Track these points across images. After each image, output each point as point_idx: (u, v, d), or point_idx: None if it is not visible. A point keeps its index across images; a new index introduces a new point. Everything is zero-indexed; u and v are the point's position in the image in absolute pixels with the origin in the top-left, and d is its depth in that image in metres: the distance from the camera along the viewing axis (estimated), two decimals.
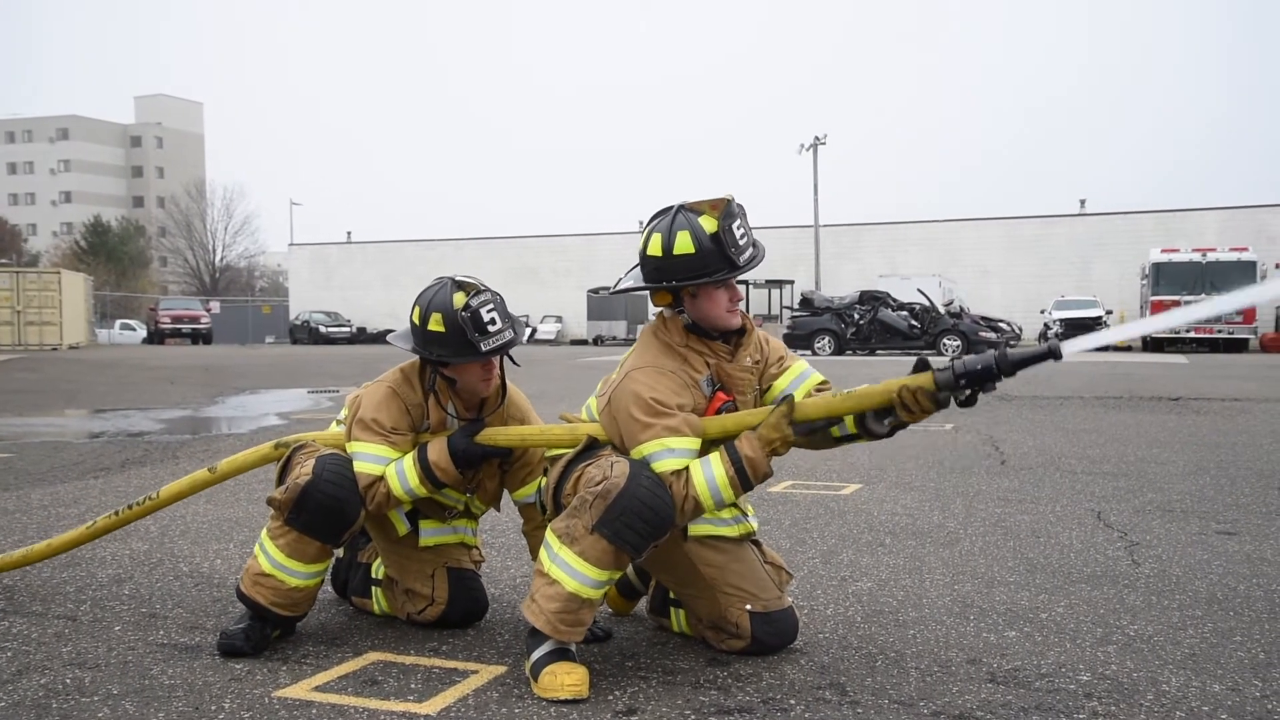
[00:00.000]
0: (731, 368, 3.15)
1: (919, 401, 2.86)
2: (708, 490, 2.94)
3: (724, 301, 3.10)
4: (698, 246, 3.02)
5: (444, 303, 3.23)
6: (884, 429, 3.00)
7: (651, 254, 3.10)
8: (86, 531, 3.79)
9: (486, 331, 3.21)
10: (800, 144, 44.97)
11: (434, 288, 3.32)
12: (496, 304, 3.26)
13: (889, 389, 2.90)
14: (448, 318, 3.21)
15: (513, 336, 3.28)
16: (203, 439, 9.44)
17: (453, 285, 3.28)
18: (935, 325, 28.11)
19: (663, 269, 3.08)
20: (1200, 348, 30.62)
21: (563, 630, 2.88)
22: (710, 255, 3.03)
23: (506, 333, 3.26)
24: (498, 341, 3.24)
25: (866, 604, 3.76)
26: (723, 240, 3.02)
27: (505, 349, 3.28)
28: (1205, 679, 2.96)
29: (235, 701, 2.81)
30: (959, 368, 2.84)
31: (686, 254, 3.03)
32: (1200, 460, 7.30)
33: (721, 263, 3.04)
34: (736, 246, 3.04)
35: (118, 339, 46.46)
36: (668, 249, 3.05)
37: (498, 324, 3.23)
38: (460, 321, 3.19)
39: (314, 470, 3.24)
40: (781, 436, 2.96)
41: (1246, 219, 41.07)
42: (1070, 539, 4.80)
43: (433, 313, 3.24)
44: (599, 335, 44.09)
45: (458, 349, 3.24)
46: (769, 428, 2.96)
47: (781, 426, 2.95)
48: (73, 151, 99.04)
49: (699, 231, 3.03)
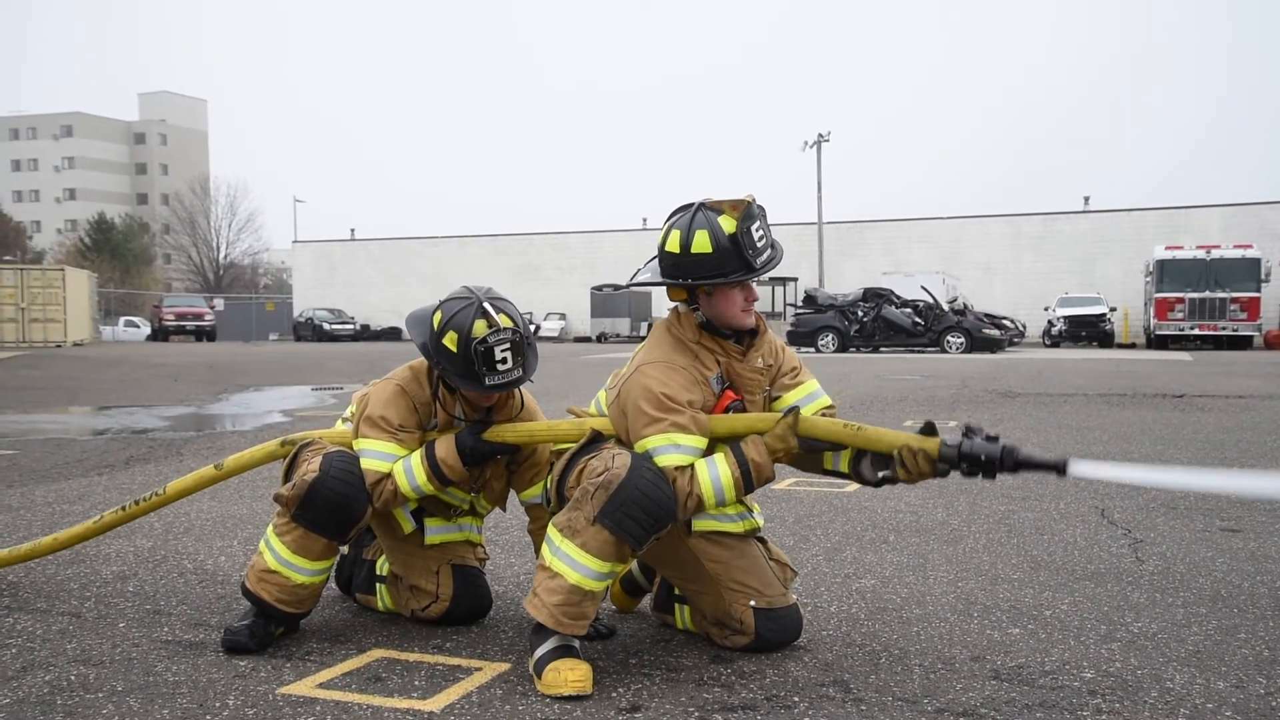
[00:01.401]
0: (742, 367, 3.16)
1: (918, 463, 2.91)
2: (712, 490, 2.96)
3: (739, 301, 3.12)
4: (715, 246, 3.03)
5: (463, 325, 3.18)
6: (874, 479, 3.06)
7: (670, 250, 3.11)
8: (93, 526, 3.79)
9: (495, 369, 3.19)
10: (804, 141, 44.94)
11: (462, 303, 3.24)
12: (514, 343, 3.19)
13: (894, 441, 2.94)
14: (461, 341, 3.18)
15: (519, 376, 3.25)
16: (206, 436, 9.45)
17: (478, 310, 3.20)
18: (939, 322, 28.09)
19: (680, 266, 3.09)
20: (1204, 345, 30.58)
21: (566, 623, 2.89)
22: (727, 255, 3.04)
23: (515, 372, 3.23)
24: (503, 380, 3.22)
25: (870, 601, 3.76)
26: (740, 241, 3.04)
27: (509, 387, 3.27)
28: (1209, 676, 2.96)
29: (239, 698, 2.81)
30: (965, 448, 2.86)
31: (704, 253, 3.04)
32: (1204, 457, 7.29)
33: (738, 264, 3.05)
34: (754, 248, 3.06)
35: (122, 336, 46.50)
36: (685, 246, 3.06)
37: (508, 363, 3.19)
38: (472, 352, 3.17)
39: (321, 466, 3.24)
40: (786, 447, 3.02)
41: (1250, 216, 41.00)
42: (1074, 536, 4.80)
43: (450, 330, 3.20)
44: (602, 333, 44.08)
45: (462, 373, 3.22)
46: (775, 438, 3.01)
47: (788, 438, 3.01)
48: (77, 148, 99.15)
49: (718, 231, 3.04)
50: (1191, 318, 30.64)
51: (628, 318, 43.75)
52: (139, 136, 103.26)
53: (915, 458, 2.90)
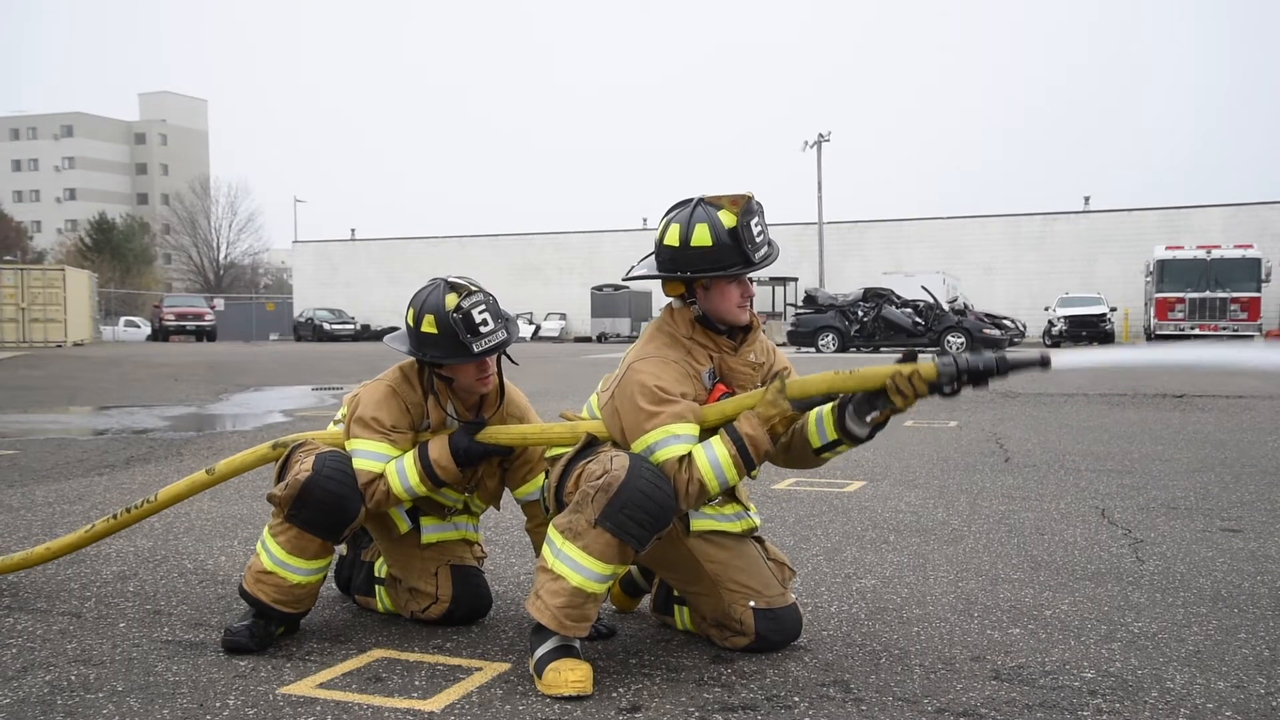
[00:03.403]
0: (734, 362, 3.18)
1: (913, 385, 2.90)
2: (712, 472, 2.95)
3: (735, 296, 3.13)
4: (715, 240, 3.05)
5: (436, 304, 3.24)
6: (864, 429, 3.06)
7: (668, 243, 3.12)
8: (85, 535, 3.78)
9: (479, 332, 3.22)
10: (804, 141, 44.98)
11: (427, 289, 3.33)
12: (489, 304, 3.26)
13: (887, 371, 2.95)
14: (440, 319, 3.22)
15: (505, 337, 3.28)
16: (207, 436, 9.45)
17: (445, 286, 3.28)
18: (939, 322, 28.06)
19: (678, 259, 3.10)
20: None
21: (568, 625, 2.89)
22: (726, 250, 3.05)
23: (499, 333, 3.26)
24: (490, 342, 3.25)
25: (870, 601, 3.76)
26: (740, 236, 3.05)
27: (498, 349, 3.29)
28: (1210, 676, 2.96)
29: (240, 698, 2.81)
30: (964, 363, 2.90)
31: (703, 246, 3.05)
32: (1204, 457, 7.29)
33: (736, 258, 3.06)
34: (753, 243, 3.07)
35: (122, 336, 46.45)
36: (685, 240, 3.07)
37: (490, 325, 3.24)
38: (452, 323, 3.20)
39: (314, 466, 3.25)
40: (780, 412, 2.99)
41: (1251, 216, 41.02)
42: (1074, 536, 4.80)
43: (425, 314, 3.26)
44: (602, 332, 44.07)
45: (450, 350, 3.24)
46: (766, 405, 3.00)
47: (779, 402, 2.99)
48: (77, 148, 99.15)
49: (717, 225, 3.05)
50: (1192, 318, 30.63)
51: (628, 318, 43.75)
52: (139, 136, 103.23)
53: (910, 380, 2.90)
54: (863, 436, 3.08)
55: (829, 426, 3.11)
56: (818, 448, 3.17)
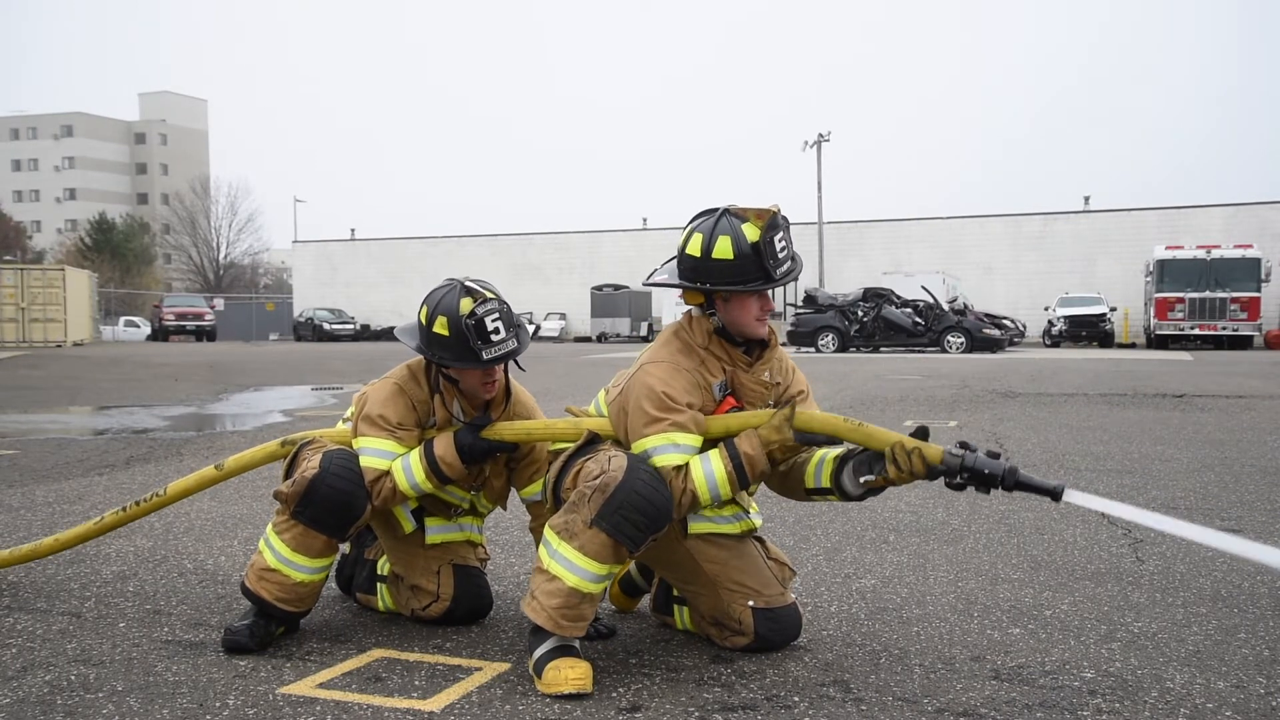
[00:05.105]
0: (747, 378, 3.16)
1: (913, 462, 2.86)
2: (706, 486, 2.96)
3: (754, 310, 3.12)
4: (737, 253, 3.03)
5: (450, 307, 3.24)
6: (858, 490, 3.03)
7: (690, 253, 3.11)
8: (94, 527, 3.80)
9: (489, 340, 3.22)
10: (804, 141, 44.93)
11: (443, 289, 3.32)
12: (503, 312, 3.25)
13: (892, 438, 2.91)
14: (452, 322, 3.22)
15: (515, 346, 3.28)
16: (207, 436, 9.44)
17: (461, 290, 3.27)
18: (939, 322, 28.08)
19: (699, 270, 3.09)
20: (1204, 345, 30.58)
21: (565, 625, 2.89)
22: (748, 263, 3.04)
23: (510, 342, 3.26)
24: (499, 351, 3.24)
25: (870, 601, 3.76)
26: (763, 251, 3.03)
27: (506, 359, 3.29)
28: (1209, 676, 2.96)
29: (240, 698, 2.81)
30: (970, 461, 2.82)
31: (725, 259, 3.04)
32: (1204, 457, 7.29)
33: (758, 273, 3.05)
34: (775, 259, 3.06)
35: (122, 336, 46.48)
36: (706, 251, 3.06)
37: (501, 333, 3.23)
38: (464, 328, 3.20)
39: (321, 464, 3.26)
40: (781, 440, 2.99)
41: (1251, 216, 40.97)
42: (1074, 536, 4.80)
43: (439, 315, 3.25)
44: (603, 333, 44.08)
45: (459, 354, 3.25)
46: (770, 429, 2.99)
47: (783, 429, 2.98)
48: (77, 148, 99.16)
49: (740, 239, 3.04)
50: (1192, 317, 30.64)
51: (628, 318, 43.75)
52: (139, 136, 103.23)
53: (910, 457, 2.87)
54: (854, 495, 3.06)
55: (826, 474, 3.10)
56: (810, 488, 3.16)
